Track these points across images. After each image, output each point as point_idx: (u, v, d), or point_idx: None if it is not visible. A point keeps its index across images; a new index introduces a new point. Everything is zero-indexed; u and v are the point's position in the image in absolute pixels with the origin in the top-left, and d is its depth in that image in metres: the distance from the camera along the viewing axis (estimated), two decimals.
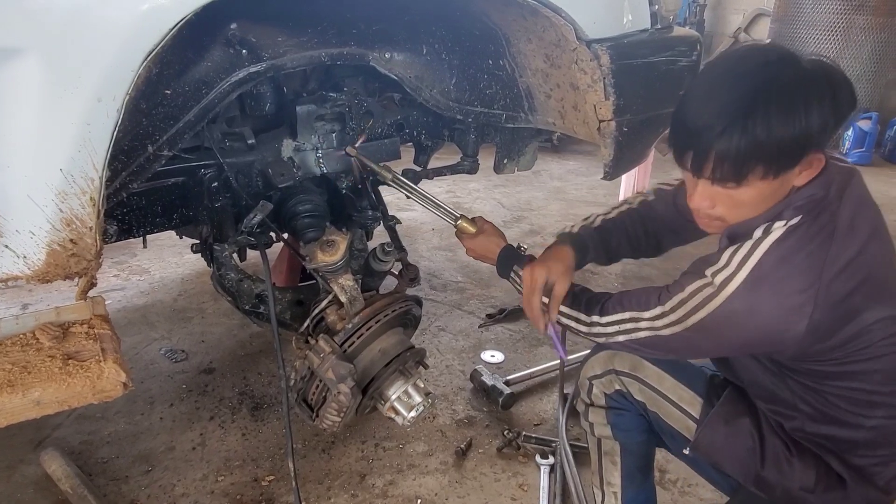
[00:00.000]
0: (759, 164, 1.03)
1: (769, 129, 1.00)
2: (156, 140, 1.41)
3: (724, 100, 1.04)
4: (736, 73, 1.06)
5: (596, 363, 1.41)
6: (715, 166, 1.05)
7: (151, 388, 2.19)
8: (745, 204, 1.11)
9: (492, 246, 1.51)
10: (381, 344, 1.57)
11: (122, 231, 1.61)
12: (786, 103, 1.01)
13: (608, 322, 1.26)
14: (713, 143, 1.03)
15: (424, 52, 1.67)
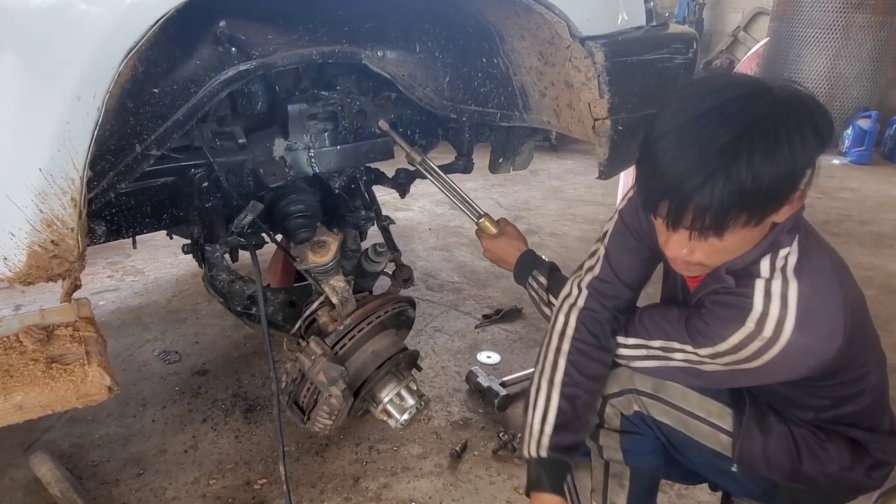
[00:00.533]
0: (742, 213, 0.96)
1: (754, 174, 0.92)
2: (144, 139, 1.38)
3: (702, 146, 0.94)
4: (709, 114, 0.95)
5: (613, 381, 1.31)
6: (695, 217, 0.97)
7: (144, 390, 2.17)
8: (726, 250, 1.05)
9: (512, 249, 1.48)
10: (374, 346, 1.55)
11: (110, 232, 1.59)
12: (770, 142, 0.93)
13: (634, 344, 1.22)
14: (693, 194, 0.94)
15: (417, 50, 1.65)
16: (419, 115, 1.90)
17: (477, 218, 1.58)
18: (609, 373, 1.29)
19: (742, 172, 0.92)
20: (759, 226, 1.01)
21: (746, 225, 0.98)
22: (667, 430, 1.29)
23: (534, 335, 2.58)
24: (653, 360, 1.19)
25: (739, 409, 1.24)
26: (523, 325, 2.65)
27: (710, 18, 6.64)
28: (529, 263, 1.44)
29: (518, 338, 2.57)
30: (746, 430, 1.22)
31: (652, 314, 1.22)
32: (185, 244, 1.83)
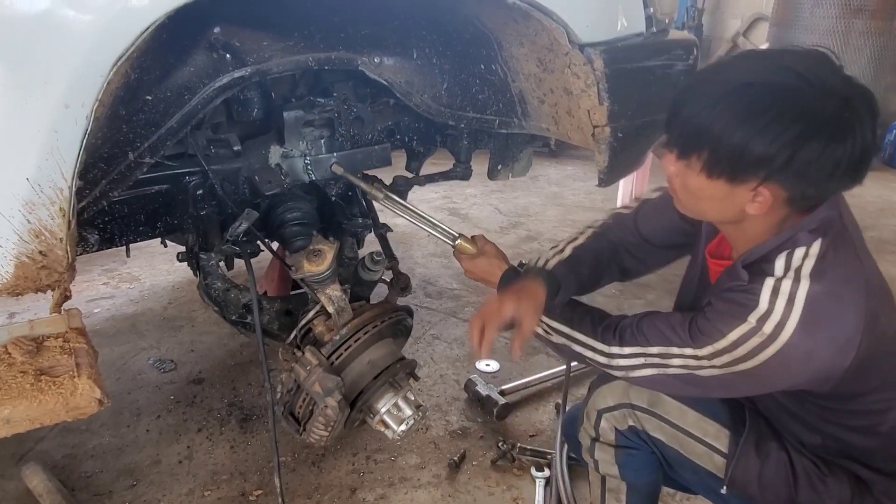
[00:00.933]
0: (703, 150, 1.03)
1: (735, 131, 0.99)
2: (137, 147, 1.37)
3: (732, 97, 1.00)
4: (765, 84, 1.00)
5: (608, 394, 1.31)
6: (674, 130, 1.08)
7: (138, 399, 2.15)
8: (690, 191, 1.10)
9: (493, 269, 1.45)
10: (370, 355, 1.53)
11: (103, 240, 1.57)
12: (775, 126, 0.97)
13: (630, 353, 1.18)
14: (683, 108, 1.05)
15: (415, 56, 1.63)
16: (417, 122, 1.88)
17: (452, 241, 1.54)
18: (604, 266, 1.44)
19: (732, 118, 0.98)
20: (712, 182, 1.04)
21: (703, 170, 1.04)
22: (661, 445, 1.28)
23: (533, 342, 2.55)
24: (650, 368, 1.16)
25: (737, 432, 1.22)
26: None
27: (709, 24, 6.63)
28: (512, 281, 1.40)
29: None
30: (742, 453, 1.20)
31: (652, 320, 1.19)
32: (179, 252, 1.81)
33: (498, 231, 3.69)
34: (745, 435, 1.21)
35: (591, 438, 1.37)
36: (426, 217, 1.60)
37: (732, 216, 1.10)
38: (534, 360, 2.44)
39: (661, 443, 1.27)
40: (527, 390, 2.24)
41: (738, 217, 1.10)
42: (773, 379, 1.08)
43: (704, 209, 1.14)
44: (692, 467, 1.26)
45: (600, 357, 1.22)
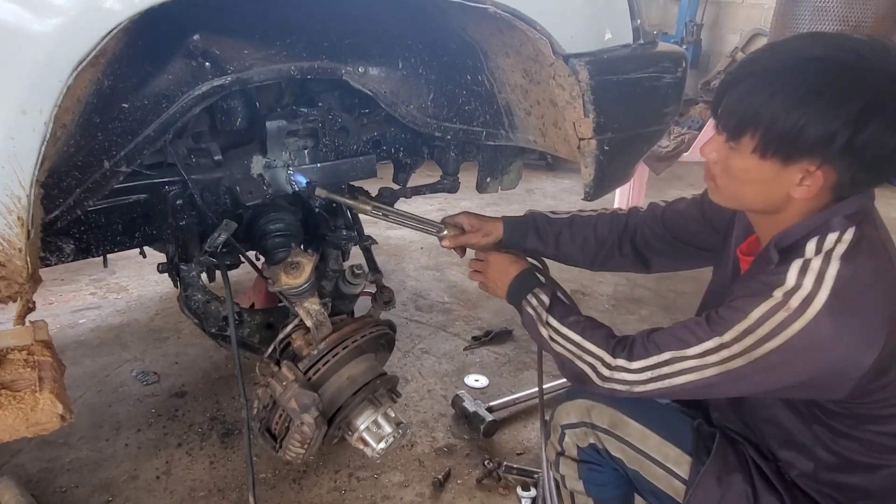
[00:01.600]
0: (758, 130, 1.00)
1: (792, 109, 0.96)
2: (113, 155, 1.34)
3: (789, 73, 0.98)
4: (824, 59, 0.98)
5: (572, 409, 1.30)
6: (723, 111, 1.05)
7: (119, 412, 2.11)
8: (734, 174, 1.08)
9: (510, 268, 1.41)
10: (350, 371, 1.49)
11: (79, 250, 1.53)
12: (836, 103, 0.95)
13: (641, 368, 1.10)
14: (735, 87, 1.03)
15: (400, 66, 1.60)
16: (404, 133, 1.85)
17: (439, 232, 1.57)
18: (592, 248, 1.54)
19: (786, 99, 0.96)
20: (765, 163, 1.02)
21: (755, 151, 1.02)
22: (621, 465, 1.26)
23: (523, 358, 2.52)
24: (659, 381, 1.09)
25: (700, 460, 1.18)
26: (513, 348, 2.59)
27: (708, 39, 6.64)
28: (530, 282, 1.36)
29: (507, 360, 2.51)
30: (702, 482, 1.16)
31: (666, 329, 1.14)
32: (160, 263, 1.78)
33: None
34: (707, 464, 1.17)
35: (556, 453, 1.36)
36: (411, 216, 1.60)
37: (775, 202, 1.08)
38: (522, 377, 2.40)
39: (621, 462, 1.25)
40: (515, 407, 2.20)
41: (780, 204, 1.07)
42: (794, 365, 1.01)
43: (746, 194, 1.10)
44: (652, 489, 1.24)
45: (603, 369, 1.14)
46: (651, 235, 1.51)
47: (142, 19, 1.17)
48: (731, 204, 1.17)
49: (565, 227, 1.57)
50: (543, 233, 1.59)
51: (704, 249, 1.46)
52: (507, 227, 1.59)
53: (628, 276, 3.17)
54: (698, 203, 1.45)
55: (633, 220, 1.53)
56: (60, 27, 0.87)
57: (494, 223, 1.60)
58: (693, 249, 1.48)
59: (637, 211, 1.55)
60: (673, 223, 1.48)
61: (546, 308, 1.29)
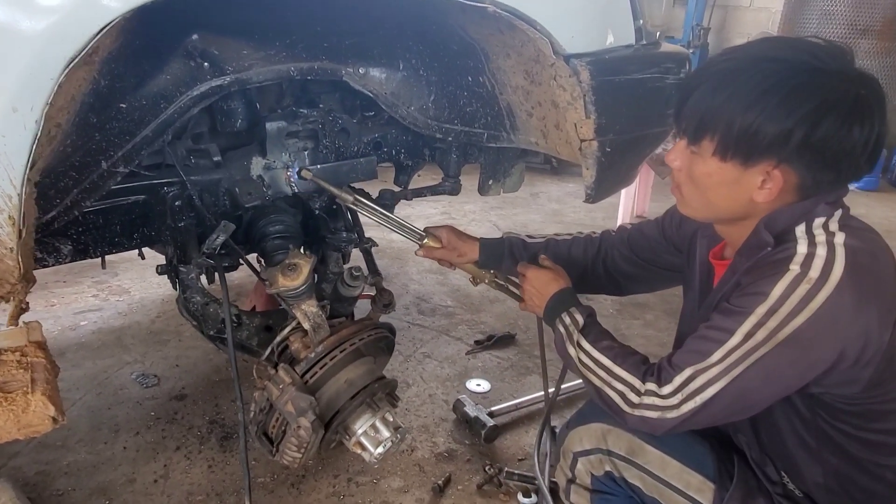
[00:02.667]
0: (717, 131, 1.01)
1: (748, 109, 0.98)
2: (110, 156, 1.34)
3: (745, 74, 1.00)
4: (779, 59, 1.00)
5: (585, 435, 1.25)
6: (683, 115, 1.06)
7: (118, 414, 2.10)
8: (698, 180, 1.08)
9: (553, 285, 1.38)
10: (348, 374, 1.47)
11: (77, 251, 1.53)
12: (791, 101, 0.96)
13: (670, 392, 1.04)
14: (693, 91, 1.04)
15: (401, 67, 1.59)
16: (405, 135, 1.84)
17: (420, 240, 1.59)
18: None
19: (741, 99, 0.98)
20: (725, 165, 1.03)
21: (715, 153, 1.03)
22: (639, 492, 1.21)
23: (526, 362, 2.50)
24: (690, 400, 1.03)
25: (723, 486, 1.15)
26: (516, 352, 2.57)
27: (714, 43, 6.61)
28: (568, 300, 1.33)
29: (510, 365, 2.49)
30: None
31: (681, 350, 1.09)
32: (159, 265, 1.77)
33: None
34: (731, 490, 1.14)
35: (566, 480, 1.32)
36: (396, 219, 1.59)
37: (739, 207, 1.08)
38: (525, 381, 2.38)
39: (639, 490, 1.21)
40: (517, 411, 2.18)
41: (745, 209, 1.07)
42: (823, 342, 0.97)
43: (711, 201, 1.10)
44: None
45: (632, 395, 1.08)
46: (620, 258, 1.54)
47: (138, 18, 1.17)
48: (697, 213, 1.16)
49: (541, 250, 1.58)
50: (519, 256, 1.59)
51: (670, 270, 1.48)
52: (482, 249, 1.61)
53: None
54: (659, 224, 1.48)
55: (604, 244, 1.57)
56: (51, 24, 0.86)
57: (471, 244, 1.62)
58: (659, 270, 1.50)
59: (609, 234, 1.58)
60: (638, 245, 1.52)
61: (579, 328, 1.24)
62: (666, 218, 1.47)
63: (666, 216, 1.47)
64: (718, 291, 1.17)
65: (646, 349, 2.62)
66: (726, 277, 1.16)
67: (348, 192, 1.56)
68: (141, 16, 1.20)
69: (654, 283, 1.56)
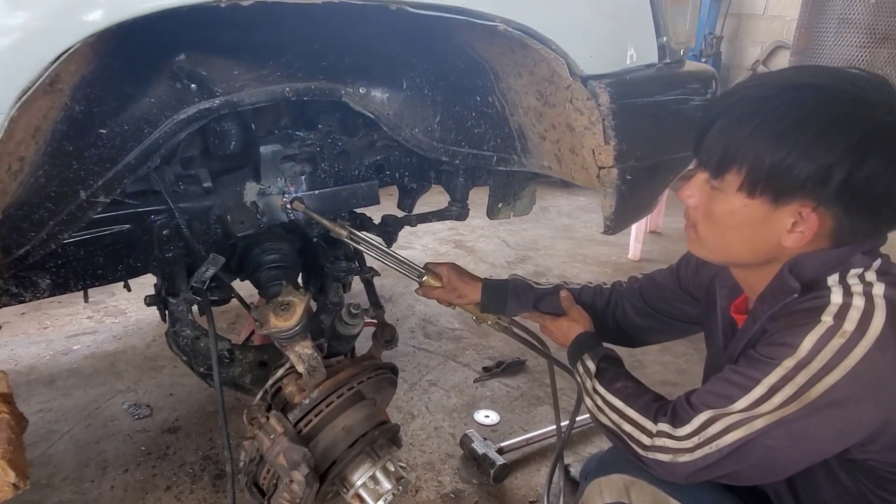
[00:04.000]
0: (743, 166, 0.91)
1: (781, 141, 0.87)
2: (89, 185, 1.24)
3: (775, 102, 0.90)
4: (814, 87, 0.89)
5: (606, 487, 1.17)
6: (705, 147, 0.96)
7: (107, 449, 1.99)
8: (718, 219, 0.97)
9: (571, 332, 1.33)
10: (346, 420, 1.35)
11: (56, 285, 1.43)
12: (830, 134, 0.85)
13: (686, 434, 0.95)
14: (718, 119, 0.94)
15: (404, 86, 1.48)
16: (409, 157, 1.74)
17: (420, 277, 1.52)
18: None
19: (771, 131, 0.88)
20: (753, 202, 0.92)
21: (741, 189, 0.92)
22: None
23: (537, 391, 2.38)
24: (706, 445, 0.94)
25: None
26: (526, 380, 2.45)
27: (728, 52, 6.48)
28: (584, 345, 1.27)
29: (520, 394, 2.37)
30: None
31: (700, 389, 1.00)
32: (147, 295, 1.67)
33: (505, 266, 3.52)
34: None
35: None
36: (394, 255, 1.49)
37: (764, 252, 0.96)
38: (536, 413, 2.26)
39: None
40: (528, 447, 2.05)
41: (770, 254, 0.96)
42: (862, 402, 0.87)
43: (731, 243, 0.98)
44: None
45: (644, 437, 1.01)
46: (631, 310, 1.44)
47: (117, 39, 1.07)
48: (714, 256, 1.05)
49: (548, 295, 1.48)
50: (524, 299, 1.50)
51: (687, 321, 1.38)
52: (485, 290, 1.51)
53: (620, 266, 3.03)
54: (674, 272, 1.38)
55: (615, 295, 1.47)
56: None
57: (473, 285, 1.51)
58: (675, 322, 1.40)
59: (619, 285, 1.49)
60: (651, 295, 1.42)
61: (592, 374, 1.18)
62: (681, 265, 1.37)
63: (681, 263, 1.37)
64: (741, 340, 1.07)
65: (663, 376, 2.51)
66: (748, 325, 1.06)
67: (342, 225, 1.46)
68: (120, 36, 1.11)
69: (669, 334, 1.46)
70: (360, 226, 1.79)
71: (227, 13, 1.03)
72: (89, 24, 0.78)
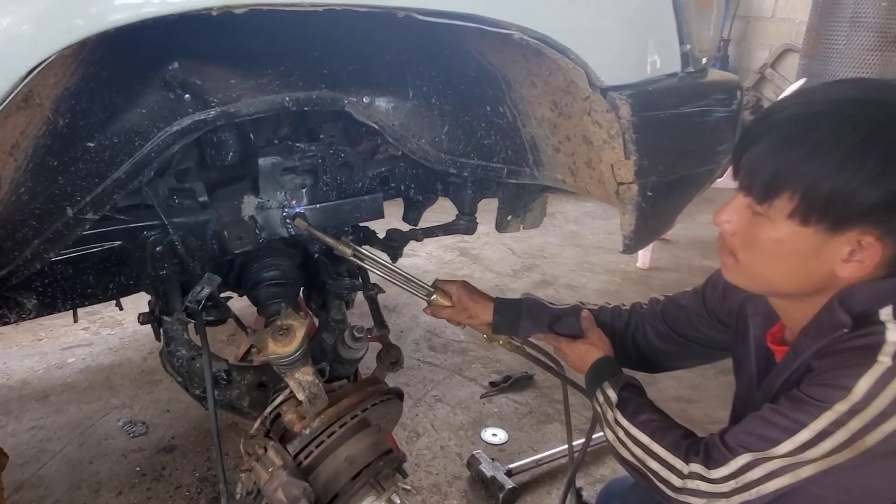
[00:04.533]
0: (797, 191, 0.82)
1: (842, 165, 0.79)
2: (77, 201, 1.16)
3: (830, 121, 0.81)
4: (873, 103, 0.81)
5: None
6: (748, 168, 0.88)
7: (101, 470, 1.92)
8: (762, 247, 0.88)
9: (588, 357, 1.26)
10: (349, 450, 1.28)
11: (43, 305, 1.36)
12: (893, 159, 0.78)
13: (722, 477, 0.89)
14: (765, 136, 0.86)
15: (410, 95, 1.41)
16: (415, 169, 1.66)
17: (428, 296, 1.44)
18: None
19: (832, 154, 0.79)
20: (806, 230, 0.83)
21: (793, 216, 0.83)
22: None
23: (546, 408, 2.30)
24: (745, 491, 0.88)
25: None
26: (535, 396, 2.37)
27: (735, 55, 6.40)
28: (603, 372, 1.19)
29: (529, 411, 2.29)
30: None
31: (737, 429, 0.93)
32: (141, 313, 1.59)
33: (511, 274, 3.44)
34: None
35: None
36: (402, 273, 1.42)
37: (813, 282, 0.88)
38: (546, 431, 2.18)
39: None
40: (538, 469, 1.98)
41: (819, 285, 0.88)
42: None
43: (776, 273, 0.90)
44: None
45: (674, 478, 0.94)
46: (653, 333, 1.34)
47: (103, 47, 1.00)
48: (754, 285, 0.97)
49: (564, 315, 1.40)
50: (538, 319, 1.42)
51: (713, 347, 1.29)
52: (497, 310, 1.43)
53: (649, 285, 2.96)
54: (699, 294, 1.29)
55: (634, 317, 1.38)
56: None
57: (484, 305, 1.44)
58: (700, 347, 1.30)
59: (640, 306, 1.39)
60: (674, 319, 1.32)
61: (613, 405, 1.10)
62: (707, 287, 1.28)
63: (707, 285, 1.28)
64: (780, 375, 0.99)
65: (676, 392, 2.43)
66: (789, 359, 0.98)
67: (346, 243, 1.39)
68: (106, 45, 1.04)
69: (693, 360, 1.36)
70: (363, 240, 1.72)
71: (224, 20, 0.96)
72: (63, 36, 0.70)
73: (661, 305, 1.35)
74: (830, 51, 5.04)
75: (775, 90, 5.75)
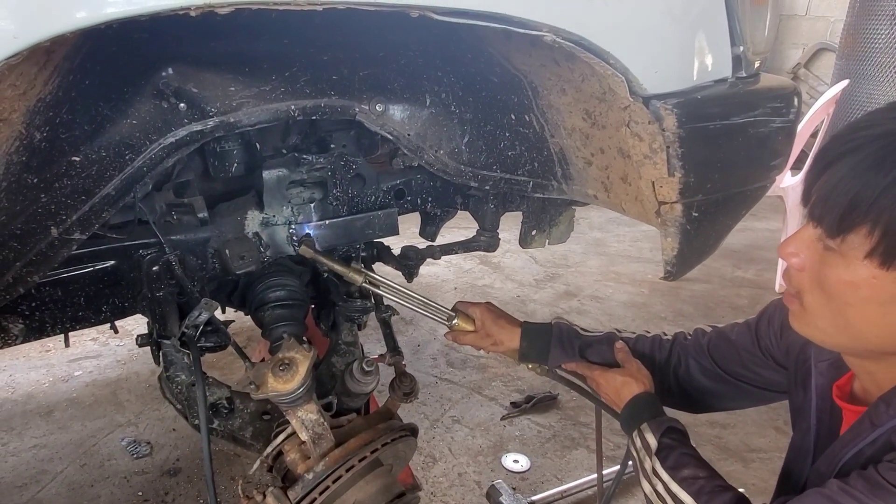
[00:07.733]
0: (878, 225, 0.70)
1: None
2: (62, 220, 1.06)
3: None
4: None
5: None
6: (819, 196, 0.75)
7: (101, 494, 1.83)
8: (834, 290, 0.74)
9: (625, 389, 1.14)
10: (357, 494, 1.16)
11: (30, 329, 1.26)
12: None
13: None
14: (842, 160, 0.73)
15: (428, 102, 1.29)
16: (432, 181, 1.54)
17: (449, 321, 1.33)
18: None
19: None
20: (887, 274, 0.70)
21: (870, 255, 0.71)
22: None
23: (570, 432, 2.16)
24: None
25: None
26: (558, 418, 2.23)
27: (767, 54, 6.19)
28: (643, 411, 1.08)
29: (552, 435, 2.15)
30: None
31: (796, 501, 0.80)
32: (139, 335, 1.50)
33: (533, 284, 3.31)
34: None
35: None
36: (419, 297, 1.32)
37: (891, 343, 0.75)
38: (570, 457, 2.04)
39: None
40: (563, 501, 1.85)
41: None
42: None
43: (851, 322, 0.76)
44: None
45: None
46: (697, 370, 1.20)
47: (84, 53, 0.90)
48: (826, 338, 0.82)
49: (596, 342, 1.27)
50: (569, 347, 1.29)
51: (767, 389, 1.14)
52: (525, 336, 1.31)
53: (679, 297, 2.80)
54: (752, 329, 1.14)
55: (677, 349, 1.23)
56: None
57: (510, 331, 1.31)
58: (752, 388, 1.16)
59: (683, 337, 1.25)
60: (723, 356, 1.18)
61: (653, 452, 0.98)
62: (761, 322, 1.13)
63: (761, 319, 1.13)
64: (850, 444, 0.85)
65: (710, 416, 2.27)
66: (863, 428, 0.84)
67: (357, 270, 1.28)
68: (88, 50, 0.93)
69: (743, 401, 1.22)
70: (377, 256, 1.60)
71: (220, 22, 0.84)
72: (8, 43, 0.59)
73: (707, 338, 1.21)
74: (869, 50, 4.81)
75: (809, 91, 5.53)
